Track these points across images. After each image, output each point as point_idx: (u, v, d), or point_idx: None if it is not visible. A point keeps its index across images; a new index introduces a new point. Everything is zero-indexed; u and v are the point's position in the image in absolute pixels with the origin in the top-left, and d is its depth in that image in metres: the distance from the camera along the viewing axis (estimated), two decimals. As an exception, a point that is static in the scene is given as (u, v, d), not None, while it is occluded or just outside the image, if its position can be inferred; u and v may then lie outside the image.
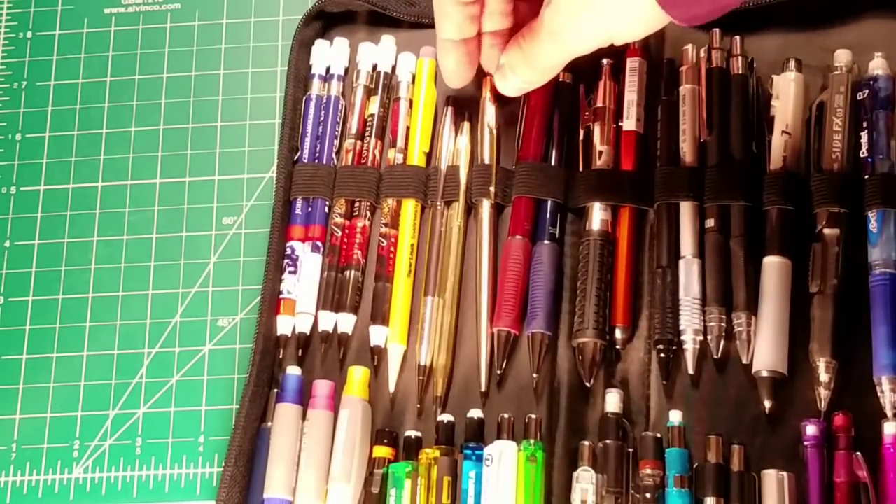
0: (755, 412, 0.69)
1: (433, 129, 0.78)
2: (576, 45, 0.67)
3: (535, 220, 0.74)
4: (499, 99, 0.76)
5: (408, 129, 0.78)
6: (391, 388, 0.73)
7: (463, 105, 0.77)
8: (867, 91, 0.74)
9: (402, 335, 0.73)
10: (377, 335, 0.74)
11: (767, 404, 0.69)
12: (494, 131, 0.76)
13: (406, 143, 0.77)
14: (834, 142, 0.73)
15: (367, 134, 0.78)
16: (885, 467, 0.67)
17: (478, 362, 0.72)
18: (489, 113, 0.76)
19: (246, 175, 0.81)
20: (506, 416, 0.70)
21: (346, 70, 0.80)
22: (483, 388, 0.72)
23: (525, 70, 0.69)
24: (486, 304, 0.73)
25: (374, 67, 0.79)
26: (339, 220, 0.76)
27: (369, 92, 0.79)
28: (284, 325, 0.74)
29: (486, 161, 0.75)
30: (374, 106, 0.78)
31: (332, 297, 0.75)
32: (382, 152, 0.78)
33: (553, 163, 0.75)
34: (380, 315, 0.74)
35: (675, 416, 0.69)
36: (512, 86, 0.71)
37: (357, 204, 0.77)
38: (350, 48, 0.80)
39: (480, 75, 0.76)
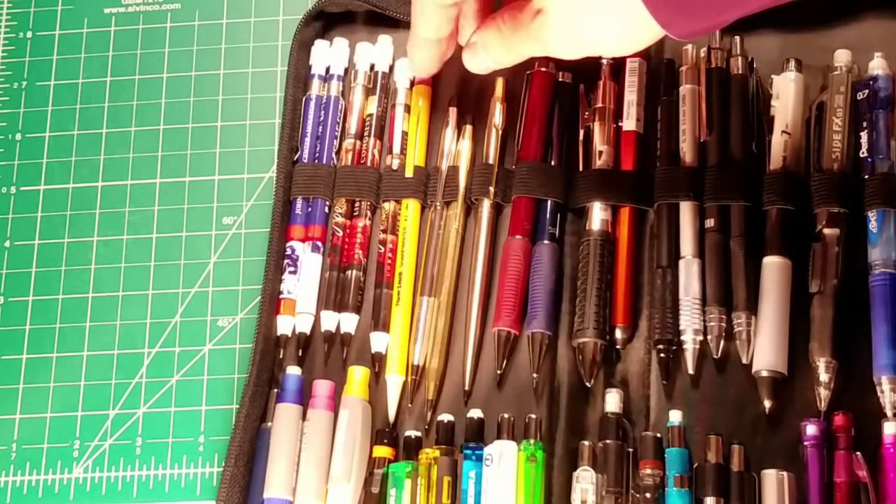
0: (755, 412, 0.69)
1: (432, 132, 0.78)
2: (564, 55, 0.66)
3: (535, 220, 0.74)
4: (506, 99, 0.77)
5: (405, 133, 0.77)
6: (391, 418, 0.72)
7: (465, 105, 0.78)
8: (867, 91, 0.74)
9: (401, 366, 0.73)
10: (378, 342, 0.73)
11: (767, 404, 0.69)
12: (500, 131, 0.76)
13: (402, 149, 0.77)
14: (834, 142, 0.73)
15: (367, 134, 0.78)
16: (885, 467, 0.67)
17: (464, 360, 0.72)
18: (497, 113, 0.76)
19: (246, 175, 0.81)
20: (506, 416, 0.70)
21: (346, 70, 0.80)
22: (467, 388, 0.72)
23: (499, 53, 0.69)
24: (477, 303, 0.73)
25: (372, 67, 0.79)
26: (339, 219, 0.76)
27: (368, 91, 0.79)
28: (284, 325, 0.74)
29: (491, 161, 0.75)
30: (372, 106, 0.78)
31: (335, 297, 0.75)
32: (381, 152, 0.78)
33: (553, 163, 0.75)
34: (380, 322, 0.74)
35: (675, 416, 0.69)
36: (481, 64, 0.70)
37: (357, 204, 0.77)
38: (349, 48, 0.80)
39: (489, 76, 0.77)
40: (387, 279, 0.74)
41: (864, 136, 0.73)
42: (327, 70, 0.80)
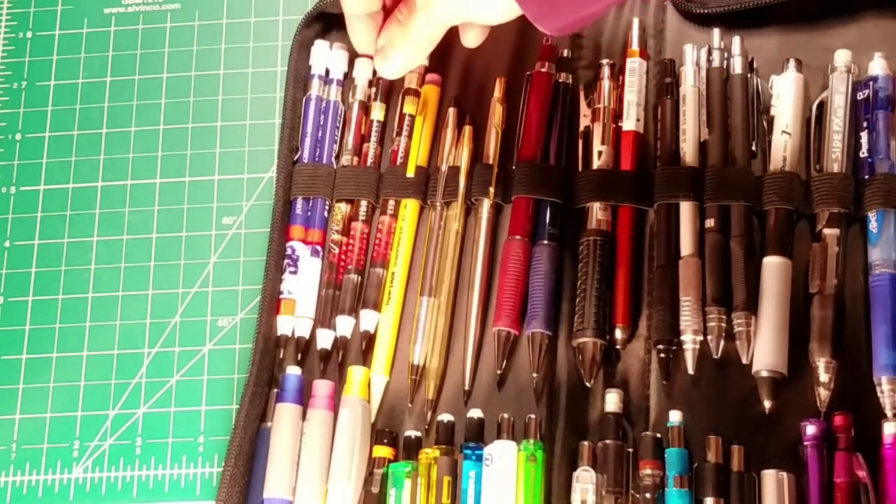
0: (755, 412, 0.69)
1: (433, 132, 0.78)
2: (444, 17, 0.70)
3: (535, 221, 0.74)
4: (506, 100, 0.76)
5: (405, 134, 0.77)
6: (372, 417, 0.72)
7: (465, 106, 0.78)
8: (867, 91, 0.74)
9: (387, 366, 0.73)
10: (367, 320, 0.74)
11: (767, 404, 0.69)
12: (500, 131, 0.76)
13: (405, 153, 0.77)
14: (834, 142, 0.73)
15: (367, 141, 0.78)
16: (885, 467, 0.67)
17: (464, 360, 0.72)
18: (497, 113, 0.76)
19: (246, 175, 0.81)
20: (506, 416, 0.70)
21: (346, 74, 0.80)
22: (467, 388, 0.72)
23: (403, 44, 0.72)
24: (477, 303, 0.73)
25: (374, 72, 0.79)
26: (336, 237, 0.76)
27: (365, 106, 0.78)
28: (284, 325, 0.74)
29: (491, 161, 0.75)
30: (375, 113, 0.78)
31: (330, 314, 0.74)
32: (382, 155, 0.78)
33: (553, 163, 0.75)
34: (371, 301, 0.74)
35: (675, 416, 0.69)
36: (394, 65, 0.74)
37: (357, 208, 0.76)
38: (349, 52, 0.80)
39: (489, 76, 0.77)
40: (383, 261, 0.75)
41: (864, 136, 0.73)
42: (327, 71, 0.80)
